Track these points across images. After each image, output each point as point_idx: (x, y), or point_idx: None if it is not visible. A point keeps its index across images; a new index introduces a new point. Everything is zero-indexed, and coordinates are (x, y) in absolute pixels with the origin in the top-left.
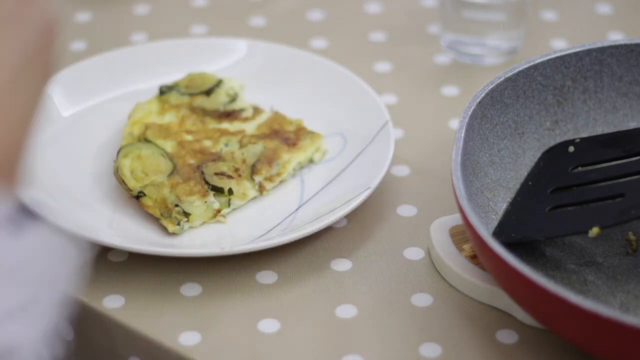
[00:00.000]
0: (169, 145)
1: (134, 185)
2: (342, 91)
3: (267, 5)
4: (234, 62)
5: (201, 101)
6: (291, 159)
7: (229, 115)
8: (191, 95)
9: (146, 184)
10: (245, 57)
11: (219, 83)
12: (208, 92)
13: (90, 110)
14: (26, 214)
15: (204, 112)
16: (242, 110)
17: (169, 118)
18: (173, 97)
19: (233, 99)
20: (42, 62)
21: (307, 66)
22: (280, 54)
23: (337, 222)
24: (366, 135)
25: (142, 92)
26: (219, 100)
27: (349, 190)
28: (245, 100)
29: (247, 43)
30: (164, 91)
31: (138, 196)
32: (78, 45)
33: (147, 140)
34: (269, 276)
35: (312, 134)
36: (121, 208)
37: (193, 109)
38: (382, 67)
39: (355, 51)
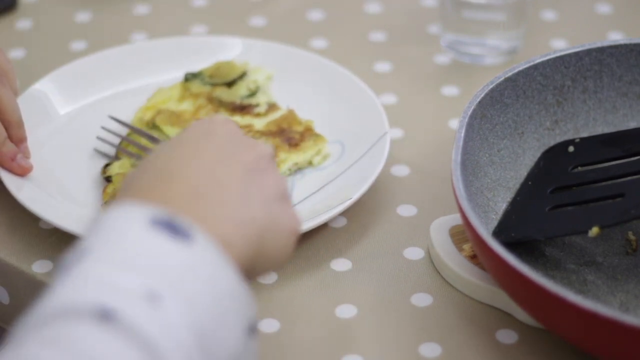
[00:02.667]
0: (175, 133)
1: (112, 171)
2: (345, 96)
3: (267, 5)
4: (231, 60)
5: (220, 92)
6: (287, 159)
7: (243, 109)
8: (213, 85)
9: (118, 172)
10: (242, 56)
11: (242, 75)
12: (230, 84)
13: (86, 108)
14: None
15: (220, 104)
16: (256, 105)
17: (186, 106)
18: (195, 86)
19: (253, 93)
20: None
21: (307, 67)
22: (278, 53)
23: (337, 221)
24: (364, 145)
25: (139, 90)
26: (238, 93)
27: (332, 198)
28: (267, 95)
29: (244, 42)
30: (188, 78)
31: (108, 180)
32: (78, 45)
33: (154, 126)
34: (268, 276)
35: (316, 137)
36: None
37: (211, 99)
38: (382, 67)
39: (355, 51)
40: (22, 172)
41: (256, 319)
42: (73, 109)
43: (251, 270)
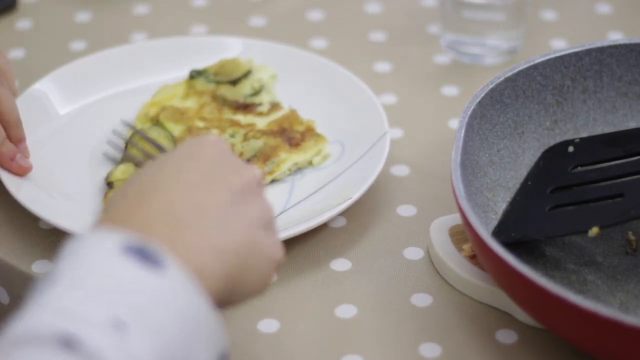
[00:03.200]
0: (178, 130)
1: (114, 177)
2: (345, 96)
3: (267, 5)
4: (235, 57)
5: (225, 90)
6: (288, 159)
7: (246, 107)
8: (217, 83)
9: (119, 178)
10: (242, 56)
11: (247, 74)
12: (234, 82)
13: (86, 108)
14: None
15: (224, 102)
16: (259, 104)
17: (190, 103)
18: (200, 83)
19: (256, 92)
20: None
21: (307, 67)
22: (278, 53)
23: (337, 221)
24: (364, 145)
25: (139, 90)
26: (241, 92)
27: (332, 198)
28: (271, 94)
29: (244, 42)
30: (193, 76)
31: (109, 186)
32: (78, 45)
33: (159, 122)
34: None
35: (317, 137)
36: None
37: (215, 97)
38: (382, 67)
39: (355, 51)
40: (21, 172)
41: (228, 349)
42: (73, 109)
43: (228, 297)
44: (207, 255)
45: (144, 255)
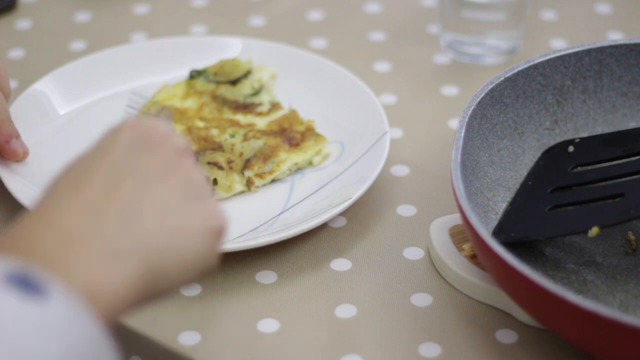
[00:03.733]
0: (178, 130)
1: None
2: (345, 96)
3: (266, 5)
4: (235, 57)
5: (224, 90)
6: (287, 159)
7: (246, 107)
8: (217, 83)
9: None
10: (242, 56)
11: (247, 74)
12: (234, 82)
13: (86, 108)
14: None
15: (224, 102)
16: (259, 104)
17: (190, 103)
18: (199, 83)
19: (256, 92)
20: None
21: (307, 67)
22: (278, 53)
23: (337, 221)
24: (364, 145)
25: (139, 89)
26: (241, 92)
27: (332, 198)
28: (271, 94)
29: (244, 42)
30: (193, 76)
31: None
32: (78, 45)
33: None
34: (268, 276)
35: (317, 136)
36: None
37: (214, 97)
38: (382, 67)
39: (355, 51)
40: (16, 156)
41: None
42: (73, 109)
43: (158, 288)
44: (107, 263)
45: (25, 284)
